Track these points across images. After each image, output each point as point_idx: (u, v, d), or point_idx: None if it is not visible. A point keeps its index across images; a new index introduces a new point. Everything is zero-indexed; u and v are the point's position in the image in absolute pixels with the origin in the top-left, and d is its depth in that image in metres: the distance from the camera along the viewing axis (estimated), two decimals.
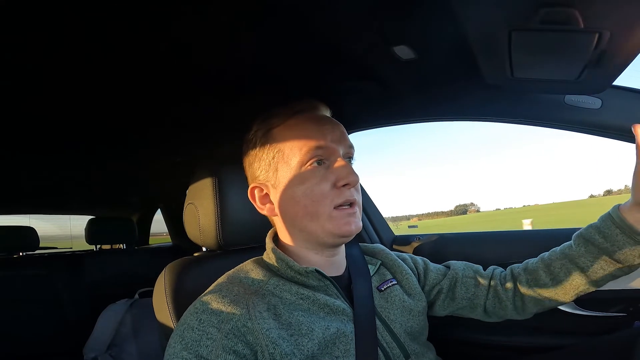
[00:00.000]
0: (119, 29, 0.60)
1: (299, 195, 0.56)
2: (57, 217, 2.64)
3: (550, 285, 0.64)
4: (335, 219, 0.56)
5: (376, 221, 1.22)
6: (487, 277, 0.71)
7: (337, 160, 0.57)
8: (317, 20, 0.59)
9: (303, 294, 0.55)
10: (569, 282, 0.62)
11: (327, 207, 0.56)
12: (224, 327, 0.48)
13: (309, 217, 0.57)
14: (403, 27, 0.59)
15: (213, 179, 0.69)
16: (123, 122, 1.08)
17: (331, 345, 0.51)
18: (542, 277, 0.65)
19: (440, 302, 0.71)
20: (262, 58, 0.72)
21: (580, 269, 0.61)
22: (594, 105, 0.71)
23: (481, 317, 0.72)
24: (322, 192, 0.56)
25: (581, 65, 0.51)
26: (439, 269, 0.73)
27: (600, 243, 0.59)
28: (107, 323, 1.53)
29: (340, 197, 0.56)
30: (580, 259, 0.61)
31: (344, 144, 0.59)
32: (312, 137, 0.57)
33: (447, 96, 0.85)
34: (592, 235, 0.60)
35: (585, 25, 0.41)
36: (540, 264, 0.66)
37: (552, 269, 0.64)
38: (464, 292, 0.69)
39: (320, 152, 0.57)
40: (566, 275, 0.62)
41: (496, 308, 0.69)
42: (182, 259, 0.70)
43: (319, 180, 0.56)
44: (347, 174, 0.56)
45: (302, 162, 0.56)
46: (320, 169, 0.57)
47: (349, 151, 0.60)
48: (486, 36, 0.49)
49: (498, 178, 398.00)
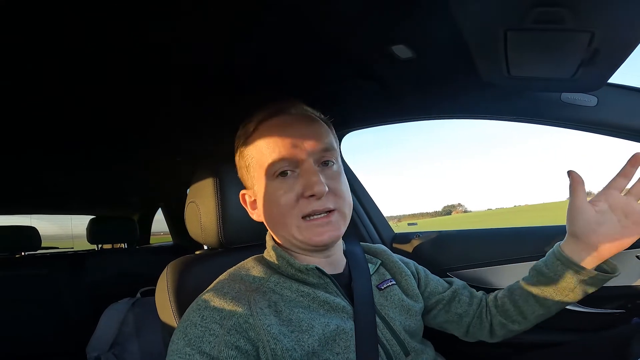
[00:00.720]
0: (119, 29, 0.60)
1: (269, 205, 0.57)
2: (58, 217, 2.64)
3: (513, 310, 0.68)
4: (304, 230, 0.55)
5: (376, 219, 1.22)
6: (479, 299, 0.74)
7: (305, 170, 0.54)
8: (316, 19, 0.60)
9: (303, 291, 0.55)
10: (528, 307, 0.66)
11: (294, 218, 0.55)
12: (227, 323, 0.49)
13: (281, 227, 0.57)
14: (401, 27, 0.59)
15: (214, 178, 0.70)
16: (123, 121, 1.09)
17: (331, 341, 0.52)
18: (506, 304, 0.69)
19: (436, 311, 0.72)
20: (262, 57, 0.73)
21: (534, 297, 0.65)
22: (590, 102, 0.72)
23: (460, 335, 0.75)
24: (287, 203, 0.55)
25: (576, 63, 0.52)
26: (440, 281, 0.76)
27: (546, 273, 0.63)
28: (110, 322, 1.54)
29: (308, 207, 0.54)
30: (534, 287, 0.65)
31: (316, 148, 0.56)
32: (274, 147, 0.55)
33: (445, 94, 0.86)
34: (541, 268, 0.64)
35: (578, 25, 0.41)
36: (506, 291, 0.71)
37: (514, 297, 0.68)
38: (458, 307, 0.72)
39: (283, 163, 0.55)
40: (524, 302, 0.66)
41: (476, 329, 0.72)
42: (184, 257, 0.71)
43: (285, 192, 0.55)
44: (312, 184, 0.53)
45: (270, 172, 0.56)
46: (288, 179, 0.55)
47: (323, 154, 0.56)
48: (482, 35, 0.50)
49: (489, 177, 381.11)
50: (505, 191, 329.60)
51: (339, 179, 0.58)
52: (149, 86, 0.85)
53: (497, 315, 0.70)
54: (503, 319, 0.69)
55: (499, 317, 0.70)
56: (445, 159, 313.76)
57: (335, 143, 0.61)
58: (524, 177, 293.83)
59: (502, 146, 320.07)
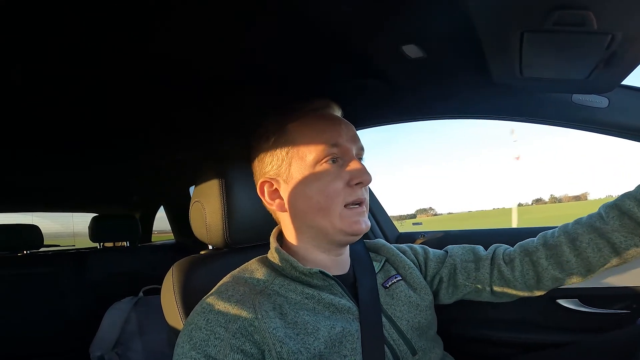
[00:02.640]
0: (121, 29, 0.60)
1: (312, 191, 0.57)
2: (59, 215, 2.64)
3: (574, 262, 0.59)
4: (345, 217, 0.56)
5: (380, 218, 1.22)
6: (488, 258, 0.67)
7: (351, 159, 0.58)
8: (325, 19, 0.59)
9: (308, 294, 0.55)
10: (598, 260, 0.57)
11: (339, 204, 0.56)
12: (232, 326, 0.48)
13: (321, 214, 0.57)
14: (412, 27, 0.59)
15: (220, 177, 0.70)
16: (126, 121, 1.08)
17: (338, 344, 0.52)
18: (565, 254, 0.60)
19: (443, 291, 0.69)
20: (268, 57, 0.72)
21: (611, 246, 0.56)
22: (601, 104, 0.71)
23: (490, 299, 0.68)
24: (335, 190, 0.56)
25: (592, 65, 0.51)
26: (438, 257, 0.71)
27: (636, 212, 0.53)
28: (113, 321, 1.54)
29: (352, 195, 0.57)
30: (614, 234, 0.55)
31: (356, 145, 0.60)
32: (328, 135, 0.58)
33: (454, 94, 0.85)
34: (631, 208, 0.54)
35: (599, 27, 0.41)
36: (563, 238, 0.60)
37: (577, 245, 0.58)
38: (465, 278, 0.67)
39: (335, 150, 0.57)
40: (595, 252, 0.57)
41: (503, 289, 0.65)
42: (190, 257, 0.71)
43: (333, 178, 0.56)
44: (361, 173, 0.56)
45: (317, 159, 0.57)
46: (335, 167, 0.57)
47: (360, 152, 0.61)
48: (498, 37, 0.49)
49: (469, 180, 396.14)
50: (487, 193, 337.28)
51: None
52: (151, 86, 0.84)
53: (549, 269, 0.61)
54: (558, 273, 0.60)
55: (553, 271, 0.60)
56: (424, 164, 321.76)
57: None
58: (511, 178, 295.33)
59: (485, 149, 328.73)
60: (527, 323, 0.92)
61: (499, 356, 0.90)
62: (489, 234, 1.06)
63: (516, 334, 0.92)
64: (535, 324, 0.91)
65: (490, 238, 1.04)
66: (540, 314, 0.90)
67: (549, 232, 0.64)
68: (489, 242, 1.01)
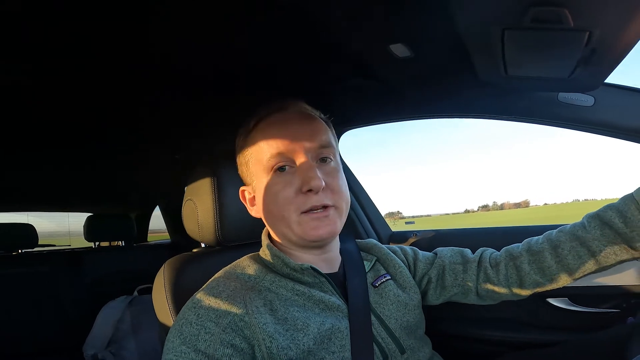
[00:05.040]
0: (118, 28, 0.60)
1: (268, 200, 0.57)
2: (55, 214, 2.64)
3: (555, 268, 0.61)
4: (302, 224, 0.55)
5: (373, 217, 1.23)
6: (475, 261, 0.68)
7: (302, 164, 0.55)
8: (313, 18, 0.60)
9: (298, 290, 0.55)
10: (578, 266, 0.59)
11: (293, 212, 0.55)
12: (222, 321, 0.49)
13: (280, 222, 0.57)
14: (399, 26, 0.59)
15: (212, 176, 0.70)
16: (121, 119, 1.08)
17: (327, 340, 0.52)
18: (546, 259, 0.61)
19: (431, 291, 0.70)
20: (259, 56, 0.72)
21: (591, 253, 0.57)
22: (587, 102, 0.72)
23: (476, 302, 0.70)
24: (286, 198, 0.55)
25: (573, 63, 0.52)
26: (427, 258, 0.72)
27: (619, 228, 0.55)
28: (106, 320, 1.54)
29: (307, 203, 0.55)
30: (594, 242, 0.57)
31: (313, 145, 0.57)
32: (272, 143, 0.56)
33: (442, 93, 0.86)
34: (611, 218, 0.56)
35: (576, 24, 0.41)
36: (546, 245, 0.62)
37: (559, 251, 0.60)
38: (453, 279, 0.68)
39: (280, 158, 0.56)
40: (575, 259, 0.59)
41: (489, 292, 0.67)
42: (181, 255, 0.71)
43: (283, 187, 0.55)
44: (309, 179, 0.53)
45: (268, 168, 0.57)
46: (286, 175, 0.56)
47: (320, 151, 0.57)
48: (480, 35, 0.50)
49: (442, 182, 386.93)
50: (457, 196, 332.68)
51: (336, 175, 0.58)
52: (147, 85, 0.84)
53: (530, 274, 0.62)
54: (539, 278, 0.62)
55: (534, 276, 0.62)
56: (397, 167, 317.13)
57: (334, 140, 0.61)
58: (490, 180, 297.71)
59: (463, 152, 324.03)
60: (517, 322, 0.92)
61: (488, 355, 0.91)
62: (479, 233, 1.07)
63: (506, 333, 0.92)
64: (525, 322, 0.91)
65: (480, 237, 1.06)
66: (530, 313, 0.91)
67: (533, 238, 0.66)
68: (479, 240, 1.03)
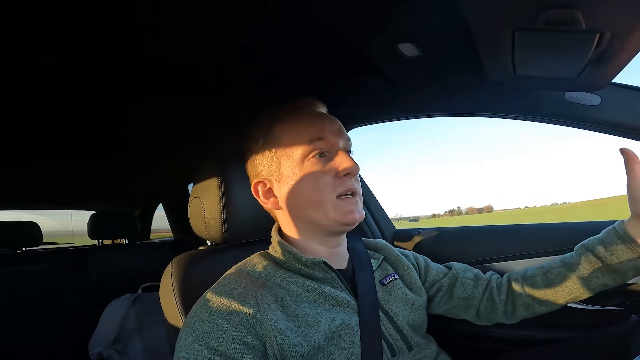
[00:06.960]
0: (120, 29, 0.60)
1: (303, 186, 0.58)
2: (58, 213, 2.64)
3: (544, 289, 0.67)
4: (338, 208, 0.58)
5: (378, 215, 1.23)
6: (485, 280, 0.74)
7: (338, 152, 0.60)
8: (322, 16, 0.60)
9: (309, 286, 0.56)
10: (562, 287, 0.65)
11: (330, 196, 0.58)
12: (234, 319, 0.49)
13: (314, 208, 0.58)
14: (408, 25, 0.59)
15: (218, 174, 0.70)
16: (124, 118, 1.08)
17: (337, 336, 0.53)
18: (537, 283, 0.68)
19: (438, 299, 0.73)
20: (265, 55, 0.73)
21: (575, 276, 0.64)
22: (593, 102, 0.72)
23: (472, 319, 0.75)
24: (325, 183, 0.58)
25: (582, 63, 0.52)
26: (440, 268, 0.76)
27: (599, 252, 0.62)
28: (111, 318, 1.54)
29: (342, 186, 0.58)
30: (578, 266, 0.64)
31: (342, 137, 0.61)
32: (311, 130, 0.59)
33: (449, 92, 0.86)
34: (594, 245, 0.63)
35: (587, 26, 0.42)
36: (539, 271, 0.69)
37: (549, 275, 0.67)
38: (462, 291, 0.72)
39: (321, 144, 0.59)
40: (561, 280, 0.65)
41: (488, 310, 0.72)
42: (188, 253, 0.71)
43: (322, 171, 0.58)
44: (348, 163, 0.58)
45: (304, 155, 0.59)
46: (322, 161, 0.59)
47: (347, 144, 0.62)
48: (491, 35, 0.50)
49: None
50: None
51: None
52: (150, 83, 0.84)
53: (522, 295, 0.69)
54: (529, 300, 0.68)
55: (526, 298, 0.68)
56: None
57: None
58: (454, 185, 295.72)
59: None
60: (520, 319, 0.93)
61: (491, 352, 0.91)
62: (483, 231, 1.07)
63: (509, 330, 0.92)
64: (529, 320, 0.92)
65: (484, 235, 1.06)
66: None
67: (530, 268, 0.72)
68: (481, 238, 1.03)
